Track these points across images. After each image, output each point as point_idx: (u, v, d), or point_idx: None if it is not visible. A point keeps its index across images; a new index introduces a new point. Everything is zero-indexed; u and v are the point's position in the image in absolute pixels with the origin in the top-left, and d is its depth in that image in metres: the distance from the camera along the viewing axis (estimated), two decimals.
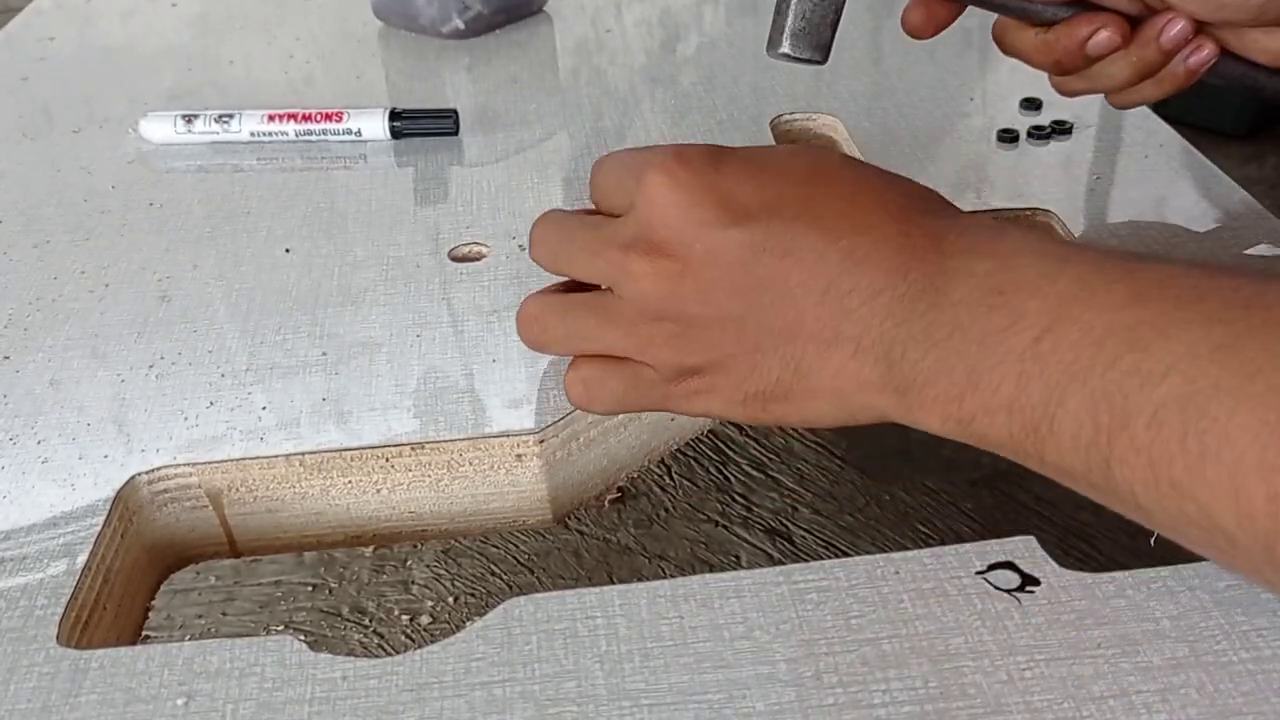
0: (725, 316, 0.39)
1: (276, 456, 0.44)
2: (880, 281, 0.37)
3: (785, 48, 0.45)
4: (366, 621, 1.11)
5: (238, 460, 0.44)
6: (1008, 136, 0.65)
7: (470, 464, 0.45)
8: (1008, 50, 0.48)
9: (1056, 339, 0.34)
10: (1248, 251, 0.54)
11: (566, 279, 0.44)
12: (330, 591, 1.14)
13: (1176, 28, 0.44)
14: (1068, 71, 0.47)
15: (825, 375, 0.38)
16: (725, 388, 0.40)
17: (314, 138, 0.68)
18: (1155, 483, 0.32)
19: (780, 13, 0.45)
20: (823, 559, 0.38)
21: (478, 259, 0.56)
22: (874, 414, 0.39)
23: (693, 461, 1.21)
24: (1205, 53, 0.45)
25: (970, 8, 0.47)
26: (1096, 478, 0.33)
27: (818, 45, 0.45)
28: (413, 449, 0.44)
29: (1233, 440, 0.30)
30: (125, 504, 0.43)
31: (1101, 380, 0.32)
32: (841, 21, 0.46)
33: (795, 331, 0.38)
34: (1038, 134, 0.65)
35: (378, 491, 0.45)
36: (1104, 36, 0.45)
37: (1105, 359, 0.32)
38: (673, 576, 0.37)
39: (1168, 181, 0.61)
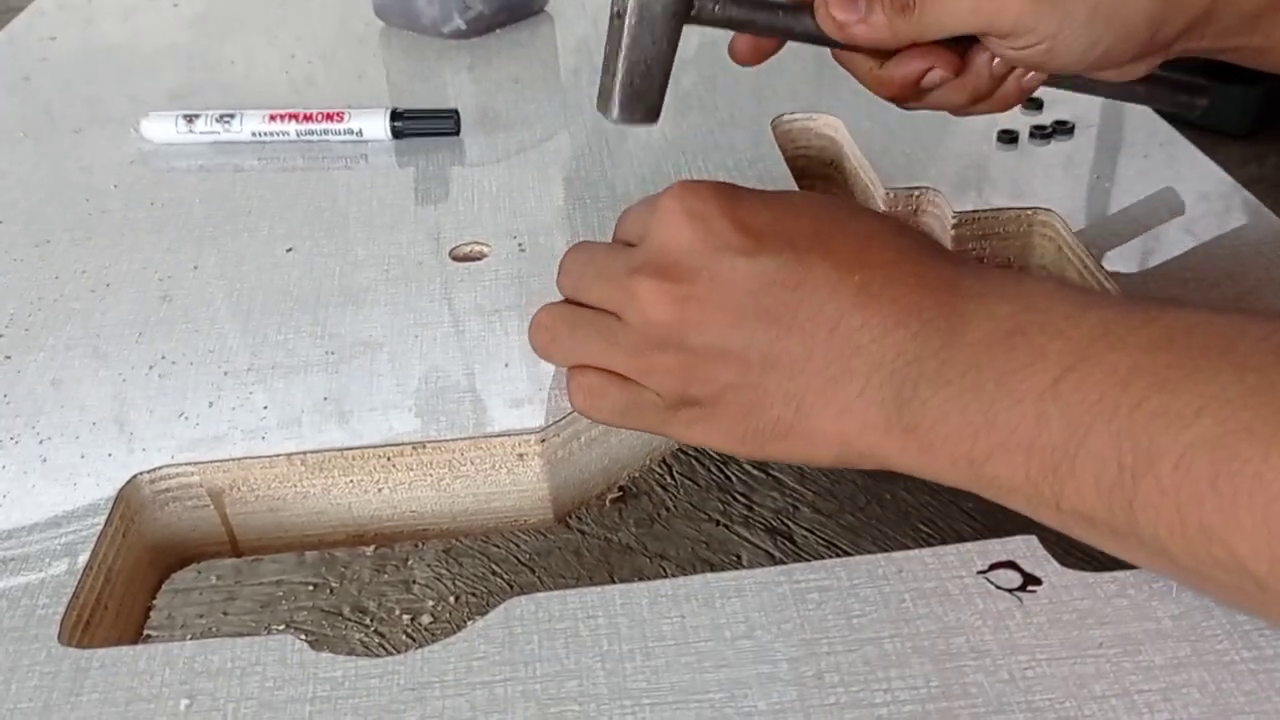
0: (727, 349, 0.38)
1: (278, 456, 0.44)
2: (893, 318, 0.36)
3: (615, 114, 0.44)
4: (368, 621, 1.11)
5: (239, 459, 0.44)
6: (1008, 136, 0.65)
7: (472, 463, 0.45)
8: (854, 75, 0.48)
9: (1080, 379, 0.33)
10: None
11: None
12: (331, 591, 1.14)
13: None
14: (904, 101, 0.47)
15: (828, 415, 0.37)
16: (724, 420, 0.39)
17: (315, 138, 0.68)
18: (1182, 526, 0.31)
19: (608, 72, 0.44)
20: (824, 558, 0.38)
21: (479, 259, 0.56)
22: (875, 462, 0.38)
23: (694, 461, 1.21)
24: (1033, 75, 0.45)
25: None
26: (1119, 522, 0.32)
27: (647, 110, 0.45)
28: (414, 448, 0.44)
29: (1267, 483, 0.29)
30: (127, 503, 0.43)
31: (1127, 420, 0.31)
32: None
33: (800, 367, 0.37)
34: (1039, 134, 0.65)
35: (379, 491, 0.45)
36: (936, 75, 0.45)
37: (1131, 399, 0.32)
38: (674, 576, 0.37)
39: (1168, 181, 0.61)
